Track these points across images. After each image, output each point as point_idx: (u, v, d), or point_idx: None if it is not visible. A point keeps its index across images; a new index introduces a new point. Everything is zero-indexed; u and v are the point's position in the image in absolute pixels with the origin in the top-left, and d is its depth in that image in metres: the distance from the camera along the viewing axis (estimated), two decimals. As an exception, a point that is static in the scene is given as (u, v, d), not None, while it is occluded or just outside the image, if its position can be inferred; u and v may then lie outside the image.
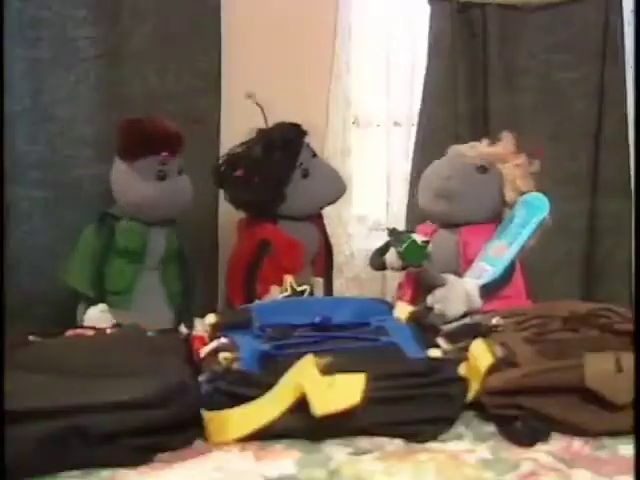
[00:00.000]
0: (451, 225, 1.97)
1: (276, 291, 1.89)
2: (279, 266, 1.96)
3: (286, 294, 1.84)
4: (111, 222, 1.91)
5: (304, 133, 2.02)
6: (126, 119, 1.93)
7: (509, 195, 1.92)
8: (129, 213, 1.92)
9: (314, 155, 2.06)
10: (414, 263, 1.84)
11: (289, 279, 1.86)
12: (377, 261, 1.96)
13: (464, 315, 1.73)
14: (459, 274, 1.86)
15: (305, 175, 2.01)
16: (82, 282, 1.89)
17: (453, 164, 1.99)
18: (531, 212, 1.89)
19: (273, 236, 2.00)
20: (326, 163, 2.13)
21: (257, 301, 1.88)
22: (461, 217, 1.96)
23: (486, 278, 1.82)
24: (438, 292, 1.79)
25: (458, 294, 1.76)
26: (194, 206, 2.06)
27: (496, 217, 1.96)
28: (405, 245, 1.82)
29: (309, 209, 2.06)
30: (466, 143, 2.35)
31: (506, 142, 1.99)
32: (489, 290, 1.79)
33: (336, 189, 2.09)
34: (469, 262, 1.90)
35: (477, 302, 1.75)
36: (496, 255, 1.86)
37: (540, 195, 1.91)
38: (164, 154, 1.89)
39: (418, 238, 1.85)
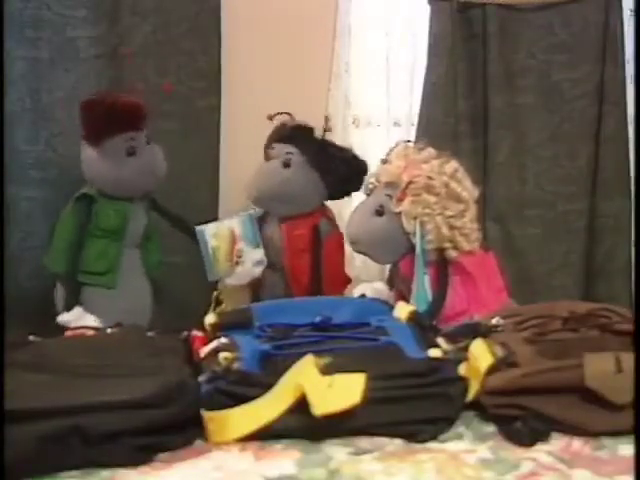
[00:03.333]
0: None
1: None
2: None
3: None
4: (88, 203, 1.92)
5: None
6: (86, 101, 1.91)
7: (408, 226, 1.85)
8: (108, 193, 1.93)
9: (286, 165, 2.06)
10: None
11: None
12: None
13: None
14: None
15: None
16: (59, 264, 1.91)
17: (352, 221, 1.96)
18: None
19: None
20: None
21: None
22: (383, 261, 1.98)
23: None
24: None
25: None
26: (195, 205, 2.06)
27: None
28: None
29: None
30: (465, 143, 2.38)
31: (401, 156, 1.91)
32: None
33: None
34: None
35: None
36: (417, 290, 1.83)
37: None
38: (131, 132, 1.89)
39: None
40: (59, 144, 2.12)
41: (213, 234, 1.88)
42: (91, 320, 1.86)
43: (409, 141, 2.02)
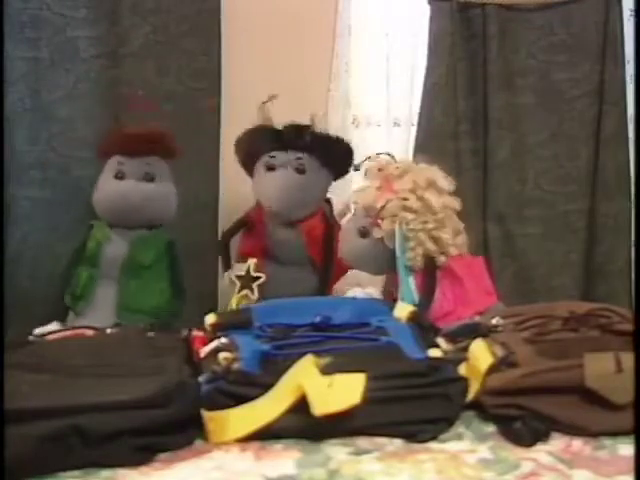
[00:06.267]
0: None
1: (237, 265, 2.03)
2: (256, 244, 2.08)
3: (239, 274, 1.98)
4: (88, 231, 1.92)
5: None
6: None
7: (391, 245, 1.83)
8: (98, 214, 1.92)
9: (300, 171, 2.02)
10: None
11: (252, 261, 1.99)
12: None
13: None
14: None
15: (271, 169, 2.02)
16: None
17: (340, 239, 1.97)
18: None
19: (255, 216, 2.08)
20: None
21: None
22: (373, 274, 2.00)
23: None
24: None
25: None
26: (194, 206, 2.06)
27: None
28: None
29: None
30: (465, 143, 2.37)
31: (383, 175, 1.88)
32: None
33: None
34: None
35: None
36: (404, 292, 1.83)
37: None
38: (121, 156, 1.91)
39: None
40: (59, 144, 2.11)
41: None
42: None
43: (380, 154, 2.00)
